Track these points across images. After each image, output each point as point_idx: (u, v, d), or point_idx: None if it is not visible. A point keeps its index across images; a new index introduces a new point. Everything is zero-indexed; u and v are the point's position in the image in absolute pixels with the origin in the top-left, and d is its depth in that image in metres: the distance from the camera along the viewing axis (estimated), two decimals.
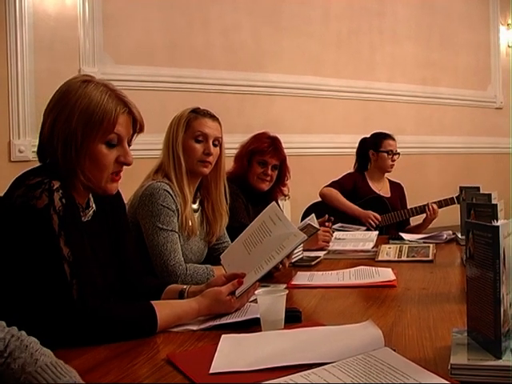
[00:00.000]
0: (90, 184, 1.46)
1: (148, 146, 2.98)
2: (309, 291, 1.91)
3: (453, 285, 1.94)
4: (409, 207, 3.77)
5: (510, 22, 6.51)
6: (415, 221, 3.81)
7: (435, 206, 3.57)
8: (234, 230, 2.12)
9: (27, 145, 3.93)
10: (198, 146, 2.17)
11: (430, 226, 3.71)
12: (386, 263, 2.37)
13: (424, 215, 3.63)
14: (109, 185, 1.49)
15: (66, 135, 1.40)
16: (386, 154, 3.74)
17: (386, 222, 3.64)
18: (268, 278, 1.99)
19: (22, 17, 3.96)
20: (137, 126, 1.52)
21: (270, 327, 1.39)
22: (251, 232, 1.76)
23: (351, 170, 3.92)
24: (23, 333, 1.02)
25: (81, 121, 1.41)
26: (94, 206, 1.58)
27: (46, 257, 1.33)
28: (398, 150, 3.79)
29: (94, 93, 1.43)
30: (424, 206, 3.62)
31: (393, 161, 3.76)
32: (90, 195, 1.56)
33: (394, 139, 3.80)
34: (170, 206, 2.07)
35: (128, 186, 1.67)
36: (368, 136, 3.90)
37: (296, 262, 2.39)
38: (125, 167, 1.52)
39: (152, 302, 1.45)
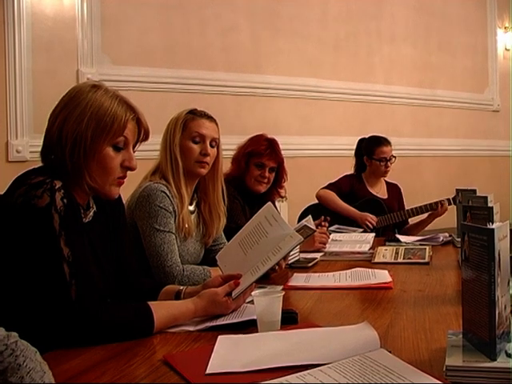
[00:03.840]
0: (95, 185, 1.47)
1: (145, 147, 2.95)
2: (305, 293, 1.91)
3: (449, 287, 1.95)
4: (406, 209, 3.78)
5: (507, 25, 6.53)
6: (417, 219, 3.82)
7: (445, 205, 3.58)
8: (231, 231, 2.12)
9: (25, 145, 3.93)
10: (195, 147, 2.17)
11: (427, 228, 3.72)
12: (383, 265, 2.37)
13: (425, 214, 3.65)
14: (112, 189, 1.51)
15: (76, 136, 1.42)
16: (378, 162, 3.74)
17: (383, 224, 3.64)
18: (264, 280, 1.99)
19: (20, 17, 3.96)
20: (141, 135, 1.54)
21: (266, 328, 1.39)
22: (247, 233, 1.76)
23: (349, 171, 3.92)
24: (19, 345, 0.97)
25: (91, 122, 1.42)
26: (94, 206, 1.58)
27: (46, 256, 1.34)
28: (395, 153, 3.79)
29: (104, 97, 1.46)
30: (420, 207, 3.64)
31: (387, 167, 3.74)
32: (90, 196, 1.57)
33: (388, 144, 3.76)
34: (167, 208, 2.08)
35: (126, 187, 1.67)
36: (366, 137, 3.90)
37: (292, 263, 2.40)
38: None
39: (149, 303, 1.45)
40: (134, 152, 1.53)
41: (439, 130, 6.08)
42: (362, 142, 3.90)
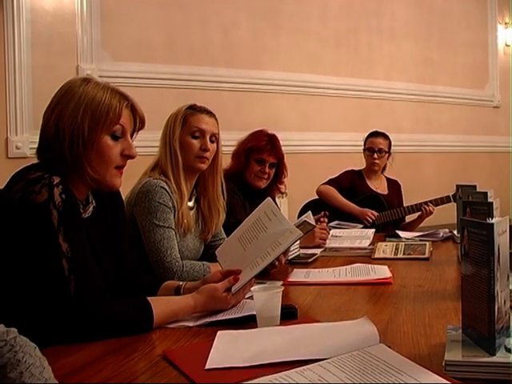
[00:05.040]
0: (97, 176, 1.47)
1: (145, 143, 2.95)
2: (305, 288, 1.91)
3: (448, 282, 1.95)
4: (405, 205, 3.78)
5: (507, 20, 6.51)
6: (410, 218, 3.82)
7: (431, 207, 3.58)
8: (231, 226, 2.11)
9: (24, 141, 3.94)
10: (195, 142, 2.17)
11: (427, 224, 3.72)
12: (383, 261, 2.37)
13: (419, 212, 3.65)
14: (114, 179, 1.51)
15: (73, 129, 1.42)
16: (366, 152, 3.74)
17: (383, 220, 3.64)
18: (264, 275, 1.99)
19: (20, 12, 3.96)
20: (137, 123, 1.54)
21: (265, 323, 1.39)
22: (246, 228, 1.75)
23: (350, 167, 3.91)
24: (18, 341, 0.97)
25: (87, 113, 1.43)
26: (93, 202, 1.58)
27: (45, 252, 1.33)
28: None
29: (96, 89, 1.46)
30: (421, 204, 3.63)
31: (374, 158, 3.73)
32: (89, 192, 1.57)
33: (379, 136, 3.75)
34: (167, 203, 2.07)
35: (125, 183, 1.67)
36: None
37: (292, 259, 2.40)
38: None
39: (148, 298, 1.45)
40: (132, 141, 1.53)
41: (439, 126, 6.08)
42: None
